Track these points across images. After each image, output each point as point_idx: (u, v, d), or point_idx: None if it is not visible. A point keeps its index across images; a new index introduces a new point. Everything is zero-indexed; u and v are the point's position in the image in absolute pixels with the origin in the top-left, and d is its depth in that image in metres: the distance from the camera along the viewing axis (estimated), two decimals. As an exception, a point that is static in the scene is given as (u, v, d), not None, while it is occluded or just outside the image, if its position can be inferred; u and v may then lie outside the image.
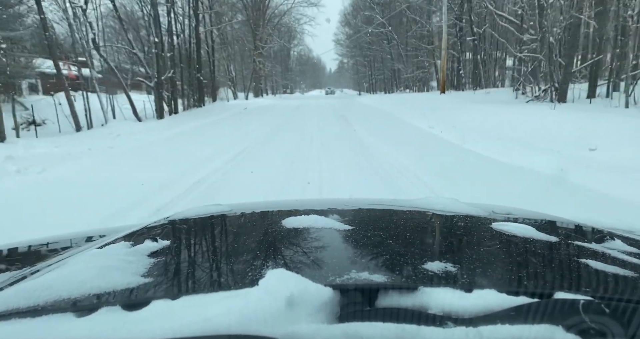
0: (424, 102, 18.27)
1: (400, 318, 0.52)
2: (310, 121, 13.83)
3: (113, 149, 8.61)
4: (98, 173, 6.23)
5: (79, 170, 6.47)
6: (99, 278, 0.65)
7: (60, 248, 1.18)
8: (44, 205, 4.40)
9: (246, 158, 7.00)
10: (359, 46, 50.15)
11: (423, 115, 12.74)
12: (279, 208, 1.32)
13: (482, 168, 5.63)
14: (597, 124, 7.73)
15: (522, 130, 8.19)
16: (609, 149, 5.86)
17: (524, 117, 10.08)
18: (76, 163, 7.00)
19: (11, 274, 0.87)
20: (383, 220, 1.18)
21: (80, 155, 7.71)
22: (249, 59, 40.05)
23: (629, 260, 0.77)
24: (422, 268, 0.67)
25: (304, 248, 0.85)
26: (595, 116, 8.72)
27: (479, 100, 15.70)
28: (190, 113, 17.96)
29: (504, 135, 7.80)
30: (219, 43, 33.86)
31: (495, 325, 0.49)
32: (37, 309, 0.58)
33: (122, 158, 7.54)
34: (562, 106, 11.55)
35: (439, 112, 13.10)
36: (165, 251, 0.83)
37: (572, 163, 5.22)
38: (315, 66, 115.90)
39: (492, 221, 1.04)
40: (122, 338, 0.49)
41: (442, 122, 10.68)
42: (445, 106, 14.82)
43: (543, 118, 9.27)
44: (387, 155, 6.74)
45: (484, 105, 13.36)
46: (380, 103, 22.19)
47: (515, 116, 10.30)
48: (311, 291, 0.54)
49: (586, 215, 1.43)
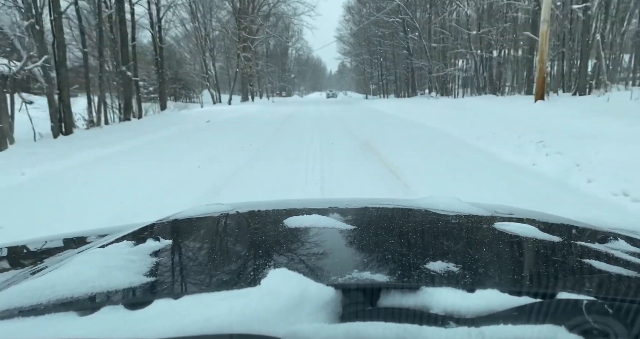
0: (516, 120, 9.20)
1: (402, 318, 0.52)
2: (300, 166, 6.05)
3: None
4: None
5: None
6: (101, 277, 0.65)
7: (63, 247, 1.19)
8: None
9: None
10: (367, 40, 42.77)
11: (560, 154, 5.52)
12: (281, 207, 1.32)
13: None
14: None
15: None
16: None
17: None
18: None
19: (13, 273, 0.87)
20: (385, 219, 1.18)
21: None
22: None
23: (633, 260, 0.77)
24: (424, 267, 0.67)
25: (306, 248, 0.85)
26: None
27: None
28: (96, 133, 10.32)
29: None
30: (185, 33, 28.79)
31: (498, 325, 0.49)
32: (39, 308, 0.58)
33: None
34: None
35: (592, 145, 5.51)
36: (167, 251, 0.83)
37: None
38: (315, 67, 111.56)
39: (495, 221, 1.04)
40: (125, 337, 0.49)
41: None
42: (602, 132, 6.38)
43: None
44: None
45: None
46: (411, 114, 15.19)
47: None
48: (313, 290, 0.54)
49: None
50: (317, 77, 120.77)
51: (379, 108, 20.86)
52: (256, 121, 15.06)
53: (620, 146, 5.22)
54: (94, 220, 3.58)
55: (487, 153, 6.79)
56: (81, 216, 3.93)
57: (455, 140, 8.38)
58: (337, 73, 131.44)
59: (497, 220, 1.05)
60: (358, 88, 75.76)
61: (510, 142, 6.98)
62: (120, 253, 0.78)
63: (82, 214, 4.01)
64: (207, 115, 16.90)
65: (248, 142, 9.02)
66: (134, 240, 0.87)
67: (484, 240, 0.92)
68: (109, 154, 7.85)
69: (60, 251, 1.08)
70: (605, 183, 4.25)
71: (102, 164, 6.88)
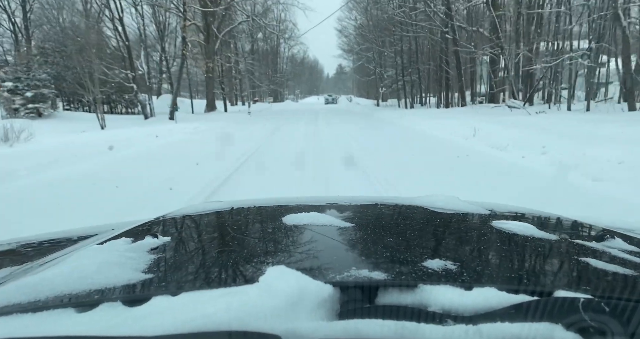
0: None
1: (400, 316, 0.52)
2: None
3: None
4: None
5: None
6: (99, 273, 0.65)
7: (61, 243, 1.18)
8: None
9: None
10: (382, 29, 31.83)
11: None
12: (280, 205, 1.32)
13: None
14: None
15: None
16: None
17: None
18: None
19: (12, 269, 0.87)
20: (383, 217, 1.18)
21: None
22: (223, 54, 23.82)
23: (629, 258, 0.77)
24: (422, 265, 0.67)
25: (304, 245, 0.85)
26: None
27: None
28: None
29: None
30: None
31: (495, 323, 0.49)
32: (38, 304, 0.58)
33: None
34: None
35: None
36: (165, 248, 0.83)
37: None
38: (312, 69, 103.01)
39: (493, 219, 1.04)
40: (123, 333, 0.49)
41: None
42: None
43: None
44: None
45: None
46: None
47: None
48: (311, 288, 0.54)
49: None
50: (314, 79, 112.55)
51: (446, 138, 10.15)
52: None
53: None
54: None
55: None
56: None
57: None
58: (335, 76, 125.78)
59: (495, 218, 1.06)
60: (360, 92, 65.20)
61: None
62: (119, 249, 0.78)
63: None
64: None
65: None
66: (133, 237, 0.87)
67: (482, 238, 0.93)
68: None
69: (59, 247, 1.08)
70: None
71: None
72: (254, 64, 41.14)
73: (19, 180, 5.83)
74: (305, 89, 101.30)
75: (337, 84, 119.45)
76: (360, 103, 43.43)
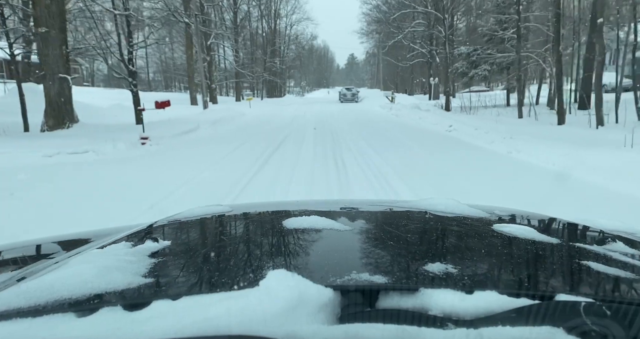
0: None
1: (401, 320, 0.52)
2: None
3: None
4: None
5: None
6: (99, 278, 0.65)
7: (62, 248, 1.18)
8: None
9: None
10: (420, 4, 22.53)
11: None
12: (280, 208, 1.32)
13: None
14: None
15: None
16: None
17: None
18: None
19: (12, 274, 0.87)
20: (384, 221, 1.18)
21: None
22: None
23: (631, 261, 0.77)
24: (423, 269, 0.67)
25: (305, 249, 0.85)
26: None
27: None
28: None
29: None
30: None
31: (496, 327, 0.49)
32: (38, 309, 0.58)
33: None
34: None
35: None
36: (166, 252, 0.83)
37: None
38: (321, 58, 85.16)
39: (493, 222, 1.04)
40: (123, 338, 0.49)
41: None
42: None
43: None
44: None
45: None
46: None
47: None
48: (312, 292, 0.54)
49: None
50: (323, 69, 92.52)
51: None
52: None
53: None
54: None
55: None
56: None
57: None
58: (346, 67, 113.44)
59: (496, 221, 1.05)
60: (386, 84, 45.38)
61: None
62: (119, 254, 0.78)
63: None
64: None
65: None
66: (133, 241, 0.87)
67: (483, 241, 0.92)
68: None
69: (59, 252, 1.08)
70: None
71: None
72: (234, 40, 28.34)
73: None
74: (312, 81, 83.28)
75: (349, 75, 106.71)
76: (403, 104, 21.95)
